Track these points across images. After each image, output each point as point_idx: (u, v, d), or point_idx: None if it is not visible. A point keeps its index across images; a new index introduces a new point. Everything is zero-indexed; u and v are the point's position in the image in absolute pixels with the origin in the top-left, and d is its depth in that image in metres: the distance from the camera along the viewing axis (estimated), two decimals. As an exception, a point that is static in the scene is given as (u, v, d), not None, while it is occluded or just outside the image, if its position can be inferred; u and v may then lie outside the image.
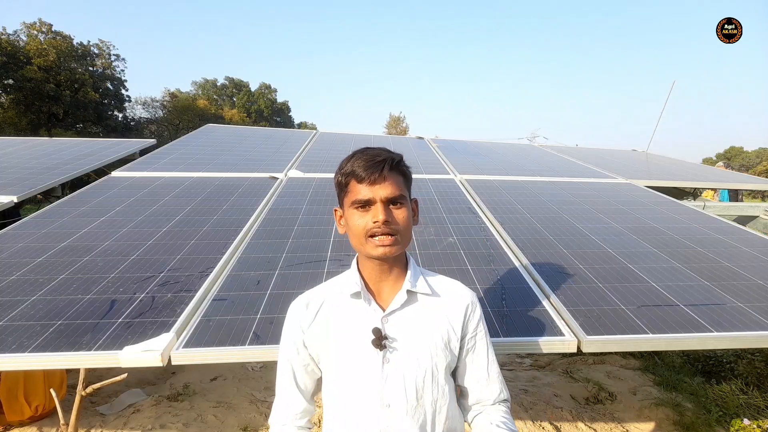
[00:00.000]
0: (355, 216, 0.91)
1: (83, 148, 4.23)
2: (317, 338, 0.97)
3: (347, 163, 0.93)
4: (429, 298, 0.98)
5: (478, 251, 1.98)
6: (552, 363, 3.98)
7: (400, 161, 0.94)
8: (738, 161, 44.11)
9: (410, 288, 0.96)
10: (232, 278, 1.70)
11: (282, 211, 2.44)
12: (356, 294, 0.96)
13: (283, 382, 1.01)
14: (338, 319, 0.96)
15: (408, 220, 0.93)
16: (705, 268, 1.87)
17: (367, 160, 0.89)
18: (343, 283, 0.99)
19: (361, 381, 0.93)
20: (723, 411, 3.02)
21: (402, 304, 0.96)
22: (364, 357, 0.93)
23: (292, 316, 1.00)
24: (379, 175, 0.89)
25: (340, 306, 0.98)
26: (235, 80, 38.62)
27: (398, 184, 0.92)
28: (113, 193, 2.68)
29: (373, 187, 0.89)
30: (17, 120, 19.35)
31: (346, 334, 0.95)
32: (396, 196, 0.90)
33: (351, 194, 0.91)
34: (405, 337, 0.94)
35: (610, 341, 1.37)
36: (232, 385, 3.37)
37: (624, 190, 3.22)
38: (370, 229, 0.89)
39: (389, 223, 0.89)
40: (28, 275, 1.70)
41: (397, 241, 0.91)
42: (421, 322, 0.96)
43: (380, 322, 0.94)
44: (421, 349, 0.94)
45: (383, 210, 0.89)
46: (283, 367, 1.01)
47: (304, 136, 4.96)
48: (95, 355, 1.26)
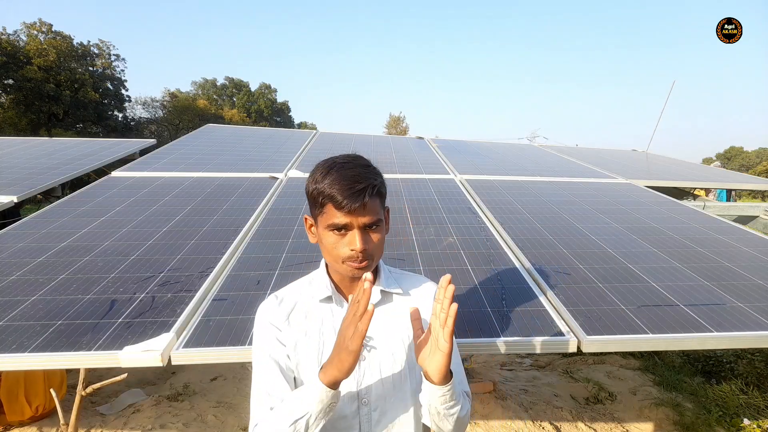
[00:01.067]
0: (330, 237, 0.89)
1: (83, 148, 4.23)
2: (290, 339, 0.95)
3: (323, 179, 0.88)
4: (401, 298, 1.01)
5: (478, 251, 1.98)
6: (552, 363, 3.98)
7: (379, 186, 0.90)
8: (738, 161, 44.11)
9: (382, 288, 0.99)
10: (232, 278, 1.70)
11: (282, 211, 2.44)
12: (327, 299, 0.97)
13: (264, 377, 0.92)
14: (311, 322, 0.96)
15: (382, 238, 0.93)
16: (705, 268, 1.87)
17: (347, 186, 0.85)
18: (314, 287, 0.99)
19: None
20: (723, 411, 3.02)
21: (375, 304, 0.95)
22: None
23: (265, 313, 0.97)
24: (359, 205, 0.85)
25: (313, 309, 0.97)
26: (235, 80, 38.62)
27: (376, 209, 0.89)
28: (113, 193, 2.68)
29: (351, 215, 0.86)
30: (17, 120, 19.35)
31: (321, 335, 0.95)
32: (374, 221, 0.89)
33: (327, 216, 0.88)
34: (380, 334, 0.96)
35: (610, 341, 1.37)
36: (232, 385, 3.38)
37: (624, 190, 3.22)
38: (348, 256, 0.88)
39: (366, 250, 0.88)
40: (28, 275, 1.70)
41: (371, 264, 0.91)
42: (394, 319, 0.98)
43: None
44: (397, 345, 0.96)
45: (361, 238, 0.87)
46: (263, 362, 0.93)
47: (304, 136, 4.96)
48: (95, 355, 1.26)
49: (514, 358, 4.04)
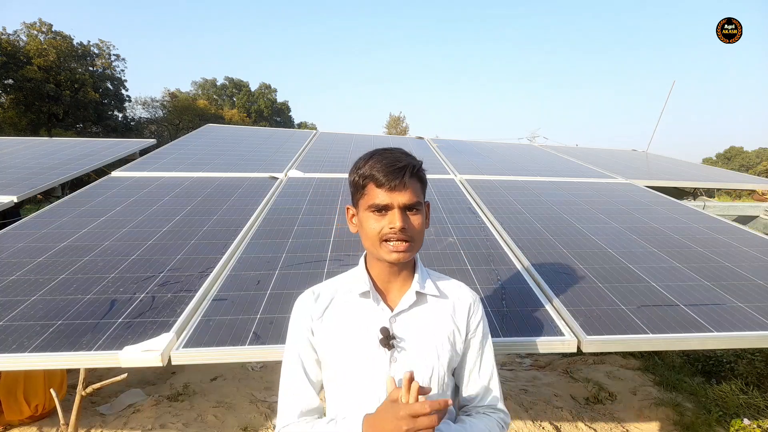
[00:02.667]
0: (370, 219, 0.90)
1: (83, 148, 4.23)
2: (324, 334, 0.96)
3: (365, 164, 0.91)
4: (436, 300, 0.99)
5: (478, 251, 1.98)
6: (552, 363, 3.98)
7: (419, 168, 0.93)
8: (738, 161, 44.12)
9: (419, 289, 0.97)
10: (232, 278, 1.70)
11: (282, 211, 2.44)
12: (365, 293, 0.96)
13: (292, 377, 0.96)
14: (347, 318, 0.97)
15: (422, 225, 0.93)
16: (705, 268, 1.87)
17: (388, 165, 0.88)
18: (352, 282, 0.99)
19: (369, 380, 0.93)
20: (723, 411, 3.02)
21: (410, 305, 0.96)
22: (372, 356, 0.93)
23: (301, 308, 0.99)
24: (399, 182, 0.87)
25: (349, 304, 0.98)
26: (235, 80, 38.61)
27: (416, 191, 0.91)
28: (113, 193, 2.68)
29: (392, 194, 0.88)
30: (17, 120, 19.35)
31: (355, 333, 0.95)
32: (414, 203, 0.90)
33: (368, 197, 0.90)
34: (412, 337, 0.95)
35: (610, 341, 1.37)
36: (232, 385, 3.37)
37: (624, 190, 3.22)
38: (385, 234, 0.89)
39: (405, 230, 0.89)
40: (28, 275, 1.70)
41: (411, 248, 0.91)
42: (428, 322, 0.97)
43: (388, 321, 0.94)
44: (428, 349, 0.95)
45: (401, 217, 0.88)
46: (292, 360, 0.97)
47: (304, 136, 4.96)
48: (95, 355, 1.26)
49: (514, 358, 4.04)
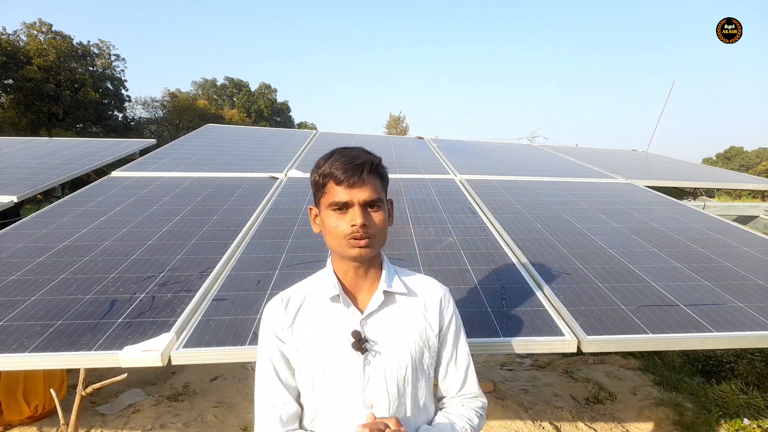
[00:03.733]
0: (332, 218, 0.91)
1: (83, 148, 4.23)
2: (296, 341, 0.95)
3: (325, 162, 0.92)
4: (405, 298, 0.99)
5: (478, 251, 1.98)
6: (552, 363, 3.98)
7: (378, 164, 0.93)
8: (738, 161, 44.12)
9: (386, 288, 0.97)
10: (232, 278, 1.70)
11: (282, 211, 2.44)
12: (335, 297, 0.96)
13: (266, 385, 0.95)
14: (317, 323, 0.96)
15: (384, 222, 0.93)
16: (705, 268, 1.87)
17: (346, 162, 0.88)
18: (321, 285, 0.98)
19: (343, 384, 0.93)
20: (723, 411, 3.02)
21: (379, 305, 0.96)
22: (345, 360, 0.93)
23: (270, 316, 0.97)
24: (358, 179, 0.88)
25: (319, 309, 0.97)
26: (235, 80, 38.61)
27: (376, 187, 0.91)
28: (113, 193, 2.68)
29: (351, 190, 0.88)
30: (17, 120, 19.35)
31: (326, 338, 0.94)
32: (374, 199, 0.90)
33: (328, 195, 0.90)
34: (384, 338, 0.95)
35: (610, 341, 1.37)
36: (232, 385, 3.37)
37: (624, 190, 3.22)
38: (346, 232, 0.89)
39: (366, 227, 0.89)
40: (28, 275, 1.70)
41: (373, 243, 0.91)
42: (399, 322, 0.97)
43: (359, 324, 0.94)
44: (401, 349, 0.95)
45: (361, 213, 0.89)
46: (265, 368, 0.96)
47: (304, 136, 4.96)
48: (95, 355, 1.26)
49: (514, 358, 4.04)
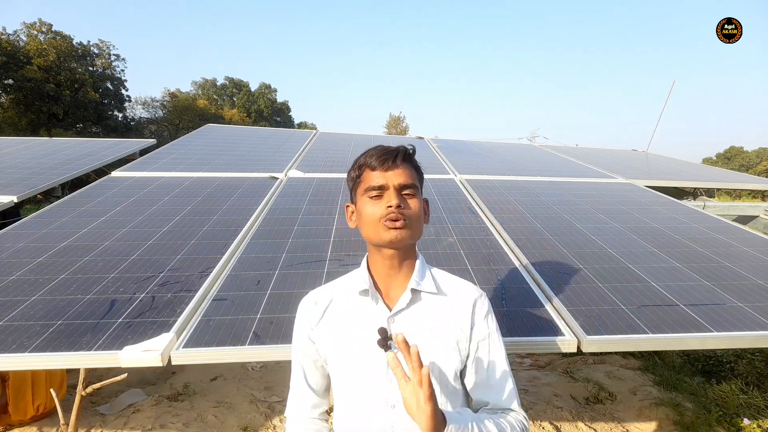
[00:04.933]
0: (368, 204, 0.93)
1: (83, 148, 4.23)
2: (325, 336, 0.97)
3: (361, 157, 0.97)
4: (436, 297, 0.97)
5: (478, 251, 1.98)
6: (552, 363, 3.98)
7: (413, 153, 0.98)
8: (738, 161, 44.12)
9: (415, 287, 0.95)
10: (232, 278, 1.70)
11: (282, 211, 2.44)
12: (364, 291, 0.96)
13: (295, 379, 1.04)
14: (346, 318, 0.97)
15: (419, 210, 0.94)
16: (705, 268, 1.87)
17: (381, 151, 0.94)
18: (352, 281, 1.00)
19: (367, 381, 0.93)
20: (723, 411, 3.02)
21: (408, 303, 0.95)
22: (371, 357, 0.92)
23: (301, 314, 1.02)
24: (392, 163, 0.92)
25: (348, 304, 0.98)
26: (235, 80, 38.61)
27: (411, 174, 0.95)
28: (113, 193, 2.68)
29: (386, 173, 0.92)
30: (17, 120, 19.34)
31: (353, 333, 0.95)
32: (408, 183, 0.93)
33: (364, 182, 0.94)
34: (411, 337, 0.92)
35: (610, 341, 1.37)
36: (232, 385, 3.37)
37: (624, 190, 3.22)
38: (383, 215, 0.90)
39: (402, 209, 0.91)
40: (28, 275, 1.70)
41: (409, 225, 0.91)
42: (428, 321, 0.95)
43: (386, 321, 0.94)
44: (428, 349, 0.92)
45: (396, 195, 0.91)
46: (295, 365, 1.04)
47: (304, 136, 4.96)
48: (95, 355, 1.26)
49: (514, 358, 4.04)
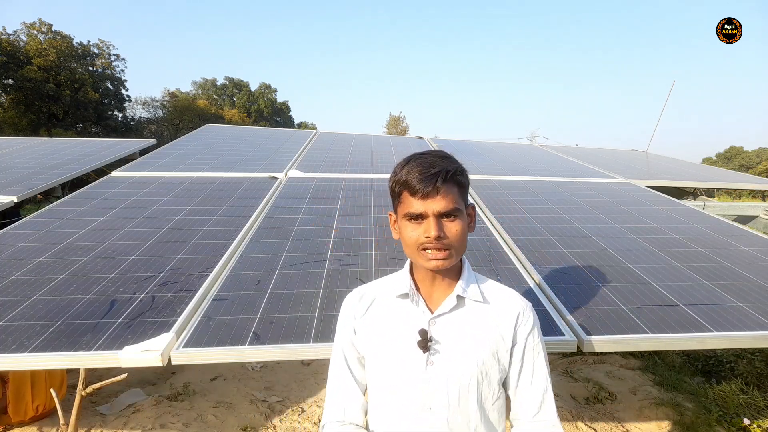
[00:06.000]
0: (408, 228, 0.90)
1: (83, 148, 4.23)
2: (367, 333, 0.98)
3: (401, 170, 0.90)
4: (479, 305, 0.96)
5: (478, 251, 1.98)
6: (552, 363, 3.98)
7: (454, 172, 0.89)
8: (738, 161, 44.13)
9: (461, 293, 0.95)
10: (232, 278, 1.70)
11: (282, 211, 2.44)
12: (404, 295, 0.97)
13: (337, 374, 1.00)
14: (386, 318, 0.97)
15: (462, 232, 0.90)
16: (705, 267, 1.87)
17: (421, 172, 0.87)
18: (394, 284, 1.00)
19: (404, 382, 0.92)
20: (723, 411, 3.02)
21: (451, 309, 0.95)
22: (409, 358, 0.92)
23: (346, 307, 1.02)
24: (432, 189, 0.86)
25: (390, 305, 0.98)
26: (235, 80, 38.61)
27: (452, 197, 0.88)
28: (113, 193, 2.68)
29: (425, 201, 0.87)
30: (17, 120, 19.34)
31: (393, 333, 0.95)
32: (449, 210, 0.87)
33: (404, 206, 0.90)
34: (451, 341, 0.93)
35: (610, 341, 1.38)
36: (232, 385, 3.37)
37: (624, 190, 3.22)
38: (422, 243, 0.88)
39: (441, 238, 0.87)
40: (28, 275, 1.70)
41: (450, 255, 0.89)
42: (469, 327, 0.94)
43: (427, 324, 0.93)
44: (467, 355, 0.92)
45: (435, 225, 0.87)
46: (338, 360, 1.01)
47: (304, 136, 4.96)
48: (95, 355, 1.26)
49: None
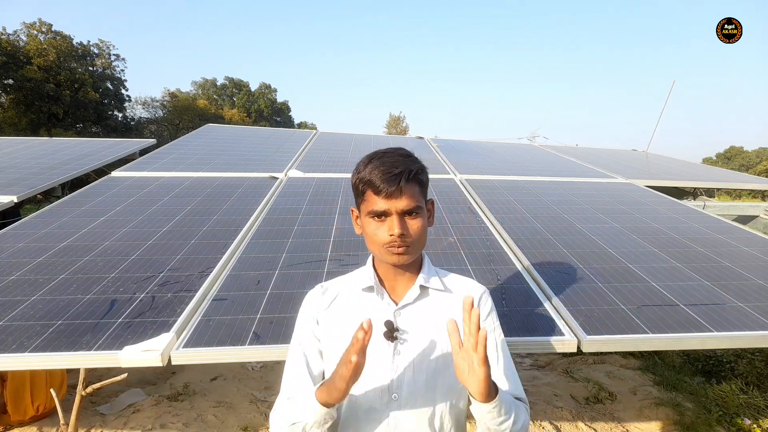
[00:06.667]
0: (371, 225, 0.93)
1: (83, 148, 4.23)
2: (329, 325, 0.98)
3: (365, 168, 0.92)
4: (442, 294, 1.00)
5: (478, 251, 1.98)
6: (552, 363, 3.98)
7: (417, 172, 0.92)
8: (738, 161, 44.13)
9: (423, 284, 0.98)
10: (232, 278, 1.70)
11: (282, 211, 2.44)
12: (369, 288, 0.99)
13: (293, 369, 0.98)
14: (351, 311, 0.98)
15: (422, 228, 0.93)
16: (705, 267, 1.87)
17: (385, 171, 0.89)
18: (358, 278, 1.02)
19: (371, 372, 0.93)
20: (723, 411, 3.02)
21: (415, 299, 0.98)
22: (375, 348, 0.94)
23: (309, 300, 1.03)
24: (396, 188, 0.88)
25: (354, 299, 1.00)
26: (235, 80, 38.61)
27: (415, 195, 0.92)
28: (113, 193, 2.68)
29: (389, 200, 0.89)
30: (17, 120, 19.34)
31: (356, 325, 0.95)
32: (411, 208, 0.91)
33: (367, 203, 0.92)
34: (416, 330, 0.96)
35: (610, 341, 1.37)
36: (232, 385, 3.37)
37: (624, 190, 3.22)
38: (385, 240, 0.91)
39: (405, 236, 0.90)
40: (28, 275, 1.70)
41: (411, 250, 0.93)
42: (433, 316, 0.97)
43: (392, 315, 0.96)
44: (432, 343, 0.96)
45: (399, 223, 0.90)
46: (296, 352, 0.99)
47: (304, 136, 4.96)
48: (95, 355, 1.26)
49: (514, 358, 4.04)
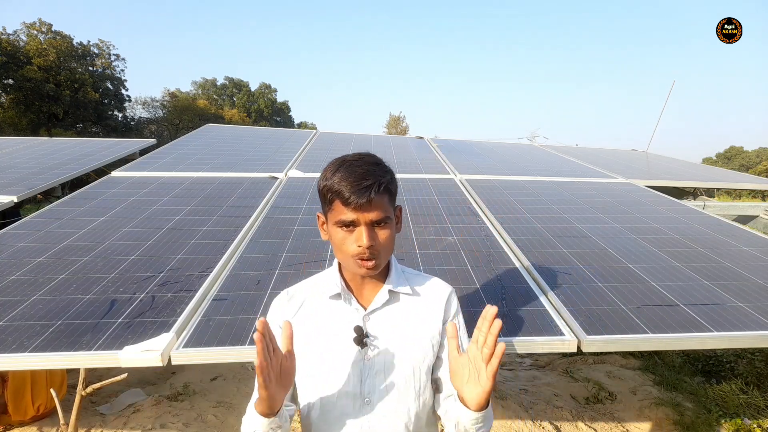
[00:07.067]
0: (339, 234, 0.90)
1: (83, 148, 4.23)
2: (297, 333, 0.95)
3: (332, 176, 0.88)
4: (410, 298, 1.00)
5: (478, 251, 1.98)
6: (552, 363, 3.98)
7: (386, 184, 0.90)
8: (738, 161, 44.14)
9: (392, 288, 0.98)
10: (232, 278, 1.70)
11: (282, 211, 2.44)
12: (336, 296, 0.97)
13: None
14: (319, 318, 0.97)
15: (390, 237, 0.92)
16: (705, 267, 1.87)
17: (353, 183, 0.85)
18: (324, 284, 1.00)
19: (342, 378, 0.94)
20: (723, 411, 3.02)
21: (383, 304, 0.97)
22: (346, 355, 0.94)
23: (275, 308, 1.01)
24: (365, 201, 0.85)
25: (321, 305, 0.98)
26: (235, 80, 38.60)
27: (384, 206, 0.89)
28: (113, 193, 2.68)
29: (357, 212, 0.87)
30: (17, 120, 19.35)
31: (327, 332, 0.96)
32: (380, 218, 0.89)
33: (335, 213, 0.89)
34: (386, 335, 0.96)
35: (610, 341, 1.37)
36: (232, 385, 3.38)
37: (624, 189, 3.22)
38: (353, 251, 0.89)
39: (373, 247, 0.89)
40: (28, 275, 1.70)
41: (380, 261, 0.91)
42: (402, 320, 0.97)
43: (362, 320, 0.95)
44: (403, 347, 0.95)
45: (368, 234, 0.87)
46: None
47: (304, 136, 4.96)
48: (95, 355, 1.26)
49: (514, 358, 4.04)
